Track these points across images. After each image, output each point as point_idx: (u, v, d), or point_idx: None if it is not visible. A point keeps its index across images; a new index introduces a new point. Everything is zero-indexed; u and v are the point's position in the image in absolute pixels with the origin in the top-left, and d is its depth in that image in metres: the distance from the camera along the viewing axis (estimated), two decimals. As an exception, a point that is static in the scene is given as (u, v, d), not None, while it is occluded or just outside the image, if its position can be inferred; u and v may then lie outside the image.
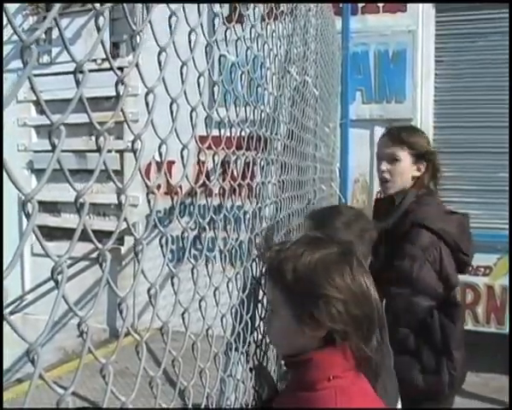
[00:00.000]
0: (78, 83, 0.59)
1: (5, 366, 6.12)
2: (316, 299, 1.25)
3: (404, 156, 2.54)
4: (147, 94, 0.82)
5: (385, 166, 2.57)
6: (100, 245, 0.68)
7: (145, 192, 0.87)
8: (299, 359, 1.30)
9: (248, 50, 1.48)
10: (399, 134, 2.58)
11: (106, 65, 6.15)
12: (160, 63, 0.84)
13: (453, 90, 5.70)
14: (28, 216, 0.52)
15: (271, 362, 1.71)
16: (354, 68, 5.85)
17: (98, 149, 0.66)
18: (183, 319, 1.02)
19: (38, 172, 7.04)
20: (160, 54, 0.84)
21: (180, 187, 1.05)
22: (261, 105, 1.65)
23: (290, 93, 2.21)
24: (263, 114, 1.69)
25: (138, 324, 5.77)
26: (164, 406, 0.91)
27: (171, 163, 2.96)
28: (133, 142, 0.76)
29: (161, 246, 0.91)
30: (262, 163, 1.70)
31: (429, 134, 5.80)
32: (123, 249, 6.37)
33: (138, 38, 0.80)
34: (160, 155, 0.86)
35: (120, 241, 6.26)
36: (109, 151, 6.87)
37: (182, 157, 0.97)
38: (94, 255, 1.17)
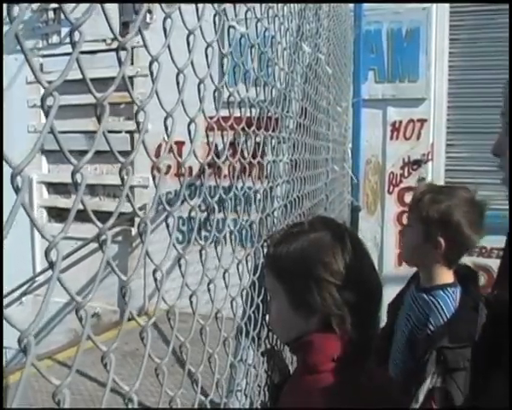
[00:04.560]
0: (73, 45, 0.54)
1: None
2: (308, 283, 1.22)
3: None
4: (151, 63, 0.76)
5: None
6: (100, 224, 0.63)
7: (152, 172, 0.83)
8: (300, 342, 1.27)
9: (258, 23, 1.42)
10: None
11: (115, 45, 6.09)
12: (164, 30, 0.78)
13: (468, 69, 5.58)
14: (17, 190, 0.47)
15: (284, 346, 1.68)
16: (367, 47, 5.75)
17: (98, 119, 0.61)
18: (191, 302, 0.97)
19: (48, 154, 7.00)
20: (165, 20, 0.78)
21: (190, 168, 1.00)
22: (272, 81, 1.60)
23: (303, 70, 2.15)
24: (274, 91, 1.63)
25: (149, 305, 5.76)
26: (170, 393, 0.87)
27: (180, 144, 2.90)
28: (136, 113, 0.71)
29: (167, 226, 0.87)
30: (273, 142, 1.65)
31: (443, 114, 5.72)
32: (133, 230, 6.34)
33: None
34: (166, 128, 0.81)
35: (131, 222, 6.23)
36: (119, 132, 6.81)
37: (189, 132, 0.92)
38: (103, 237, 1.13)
